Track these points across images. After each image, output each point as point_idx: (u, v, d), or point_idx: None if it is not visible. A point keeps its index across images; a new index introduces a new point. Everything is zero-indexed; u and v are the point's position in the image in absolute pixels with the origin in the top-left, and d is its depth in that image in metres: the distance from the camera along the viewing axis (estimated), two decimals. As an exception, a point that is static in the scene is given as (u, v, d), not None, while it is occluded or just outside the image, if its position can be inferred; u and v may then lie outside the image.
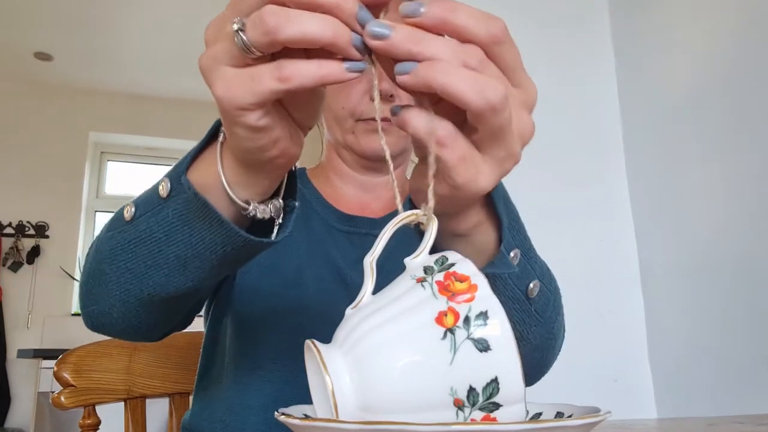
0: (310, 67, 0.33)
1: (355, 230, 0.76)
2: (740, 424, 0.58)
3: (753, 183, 1.04)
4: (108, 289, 0.47)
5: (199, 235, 0.42)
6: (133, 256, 0.45)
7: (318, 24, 0.32)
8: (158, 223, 0.43)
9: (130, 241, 0.45)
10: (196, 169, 0.43)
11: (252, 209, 0.42)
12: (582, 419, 0.31)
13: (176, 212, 0.42)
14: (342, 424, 0.30)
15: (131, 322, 0.50)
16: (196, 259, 0.44)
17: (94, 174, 3.87)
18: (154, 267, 0.45)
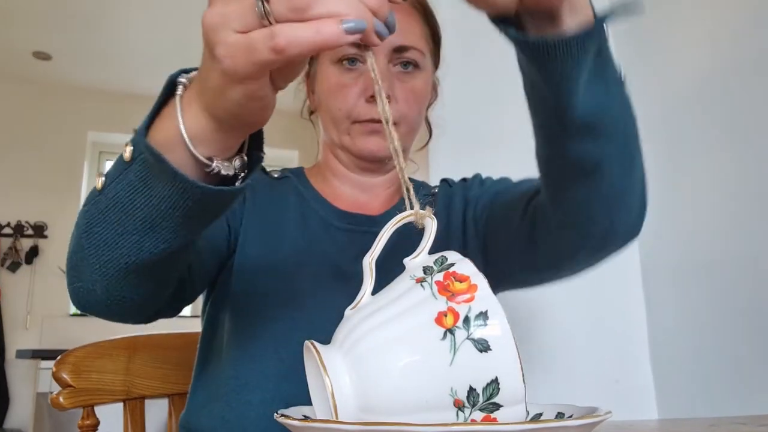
0: (307, 34, 0.32)
1: (353, 227, 0.76)
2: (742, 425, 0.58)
3: (755, 182, 1.04)
4: (89, 264, 0.47)
5: (160, 193, 0.42)
6: (106, 226, 0.45)
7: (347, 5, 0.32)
8: (123, 188, 0.43)
9: (101, 210, 0.45)
10: (159, 127, 0.42)
11: (215, 166, 0.41)
12: (583, 419, 0.31)
13: (137, 174, 0.42)
14: (341, 424, 0.30)
15: (115, 296, 0.49)
16: (162, 219, 0.43)
17: (92, 174, 3.86)
18: (125, 234, 0.44)
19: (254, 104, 0.37)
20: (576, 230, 0.58)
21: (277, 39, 0.32)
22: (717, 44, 1.14)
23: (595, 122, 0.48)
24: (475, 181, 0.84)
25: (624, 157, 0.52)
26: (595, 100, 0.47)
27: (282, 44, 0.32)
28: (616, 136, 0.50)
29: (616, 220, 0.56)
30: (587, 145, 0.50)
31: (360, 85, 0.73)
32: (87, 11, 2.90)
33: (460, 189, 0.83)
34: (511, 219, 0.68)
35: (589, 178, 0.52)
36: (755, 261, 1.03)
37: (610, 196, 0.53)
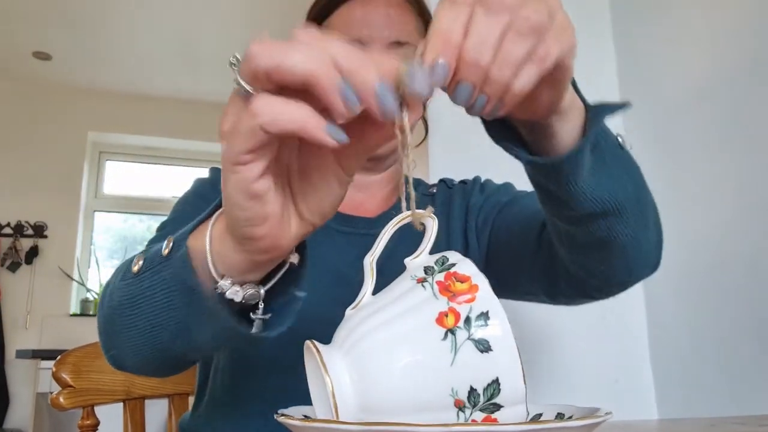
0: (285, 107, 0.30)
1: (352, 230, 0.76)
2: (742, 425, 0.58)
3: (755, 182, 1.04)
4: (121, 338, 0.46)
5: (196, 309, 0.40)
6: (138, 313, 0.43)
7: (305, 57, 0.30)
8: (159, 284, 0.41)
9: (136, 296, 0.43)
10: (198, 232, 0.41)
11: (220, 286, 0.39)
12: (583, 420, 0.31)
13: (173, 275, 0.40)
14: (342, 424, 0.30)
15: (148, 369, 0.49)
16: (196, 328, 0.42)
17: (92, 174, 3.86)
18: (159, 327, 0.43)
19: (252, 205, 0.34)
20: (596, 278, 0.58)
21: (253, 102, 0.31)
22: (717, 46, 1.14)
23: (602, 209, 0.49)
24: (475, 187, 0.83)
25: (635, 220, 0.52)
26: (599, 192, 0.48)
27: (257, 107, 0.30)
28: (626, 209, 0.51)
29: (635, 268, 0.57)
30: (598, 223, 0.51)
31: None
32: (87, 11, 2.90)
33: (460, 192, 0.82)
34: (522, 247, 0.67)
35: (603, 246, 0.53)
36: (755, 261, 1.03)
37: (626, 254, 0.54)
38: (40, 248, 3.47)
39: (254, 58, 0.30)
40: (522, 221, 0.70)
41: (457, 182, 0.86)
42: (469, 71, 0.33)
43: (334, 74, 0.30)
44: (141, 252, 0.46)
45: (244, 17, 2.96)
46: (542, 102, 0.41)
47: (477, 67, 0.33)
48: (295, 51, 0.30)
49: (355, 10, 0.73)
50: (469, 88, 0.34)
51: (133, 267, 0.43)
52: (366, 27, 0.71)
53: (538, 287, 0.67)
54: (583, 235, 0.52)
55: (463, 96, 0.34)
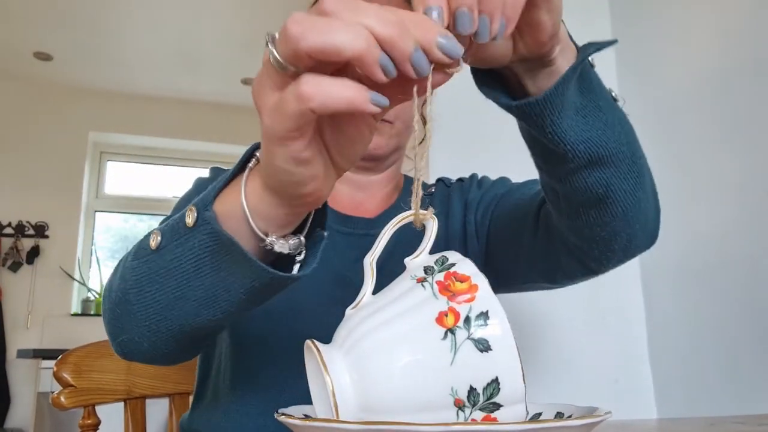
0: (333, 87, 0.31)
1: (352, 231, 0.76)
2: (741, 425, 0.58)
3: (754, 182, 1.04)
4: (137, 319, 0.46)
5: (228, 269, 0.41)
6: (160, 287, 0.43)
7: (349, 37, 0.30)
8: (185, 254, 0.42)
9: (157, 271, 0.43)
10: (224, 199, 0.41)
11: (269, 242, 0.41)
12: (582, 419, 0.31)
13: (203, 243, 0.41)
14: (342, 424, 0.30)
15: (161, 351, 0.49)
16: (225, 293, 0.42)
17: (93, 174, 3.86)
18: (183, 299, 0.43)
19: (301, 170, 0.36)
20: (597, 246, 0.57)
21: (302, 86, 0.31)
22: (717, 45, 1.14)
23: (596, 155, 0.49)
24: (473, 183, 0.83)
25: (632, 176, 0.52)
26: (591, 134, 0.48)
27: (307, 91, 0.31)
28: (621, 160, 0.50)
29: (634, 233, 0.56)
30: (593, 176, 0.50)
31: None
32: (88, 12, 2.90)
33: (458, 191, 0.82)
34: (521, 231, 0.67)
35: (601, 204, 0.52)
36: (754, 261, 1.03)
37: (626, 214, 0.53)
38: (41, 248, 3.47)
39: (296, 39, 0.31)
40: (519, 206, 0.70)
41: (455, 180, 0.86)
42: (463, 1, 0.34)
43: (376, 50, 0.31)
44: (152, 231, 0.45)
45: (244, 17, 2.96)
46: (544, 26, 0.41)
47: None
48: (337, 31, 0.30)
49: None
50: (466, 13, 0.34)
51: (150, 244, 0.44)
52: None
53: (538, 271, 0.67)
54: (579, 194, 0.51)
55: (464, 22, 0.34)
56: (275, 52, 0.32)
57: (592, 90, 0.48)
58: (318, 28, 0.30)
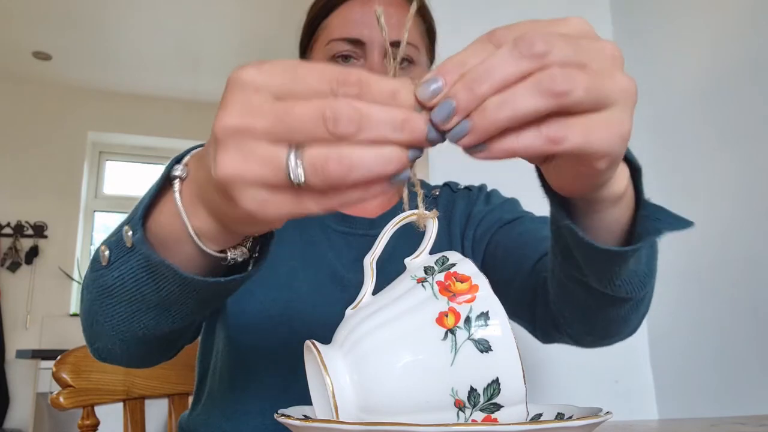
0: (357, 195, 0.30)
1: (351, 231, 0.75)
2: (742, 425, 0.58)
3: (754, 183, 1.04)
4: (104, 329, 0.46)
5: (168, 287, 0.40)
6: (116, 301, 0.43)
7: (379, 161, 0.28)
8: (127, 273, 0.41)
9: (109, 286, 0.43)
10: (160, 221, 0.39)
11: (231, 258, 0.39)
12: (583, 420, 0.31)
13: (140, 264, 0.40)
14: (342, 424, 0.30)
15: (134, 356, 0.49)
16: (175, 304, 0.42)
17: (92, 174, 3.86)
18: (138, 312, 0.43)
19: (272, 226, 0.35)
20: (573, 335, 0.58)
21: (333, 201, 0.30)
22: (717, 46, 1.14)
23: (624, 298, 0.48)
24: (480, 195, 0.81)
25: (638, 306, 0.51)
26: (629, 284, 0.46)
27: (334, 204, 0.30)
28: (641, 299, 0.50)
29: (613, 338, 0.57)
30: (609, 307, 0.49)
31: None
32: (87, 11, 2.90)
33: (465, 198, 0.81)
34: (514, 274, 0.66)
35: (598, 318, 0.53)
36: (755, 262, 1.03)
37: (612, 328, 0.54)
38: (40, 248, 3.47)
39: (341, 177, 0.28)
40: (521, 245, 0.69)
41: (462, 187, 0.84)
42: (459, 90, 0.29)
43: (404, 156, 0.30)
44: (107, 239, 0.44)
45: (243, 18, 2.96)
46: (568, 183, 0.37)
47: (470, 91, 0.29)
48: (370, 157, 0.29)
49: (354, 10, 0.73)
50: (450, 107, 0.29)
51: (101, 259, 0.43)
52: (365, 27, 0.71)
53: (518, 315, 0.67)
54: (584, 301, 0.51)
55: (441, 112, 0.29)
56: (301, 176, 0.29)
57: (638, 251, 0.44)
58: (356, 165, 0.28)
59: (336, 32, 0.72)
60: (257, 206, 0.30)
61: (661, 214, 0.43)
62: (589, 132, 0.30)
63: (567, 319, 0.57)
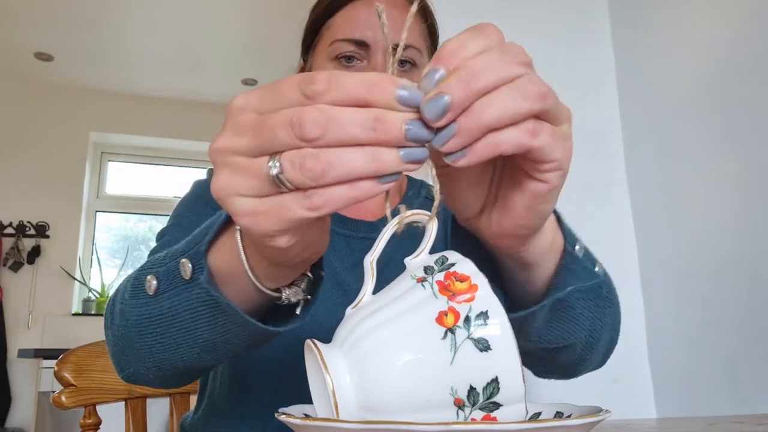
0: (341, 192, 0.30)
1: (353, 234, 0.75)
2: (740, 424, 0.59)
3: (754, 184, 1.04)
4: (141, 356, 0.46)
5: (224, 326, 0.41)
6: (162, 332, 0.43)
7: (361, 159, 0.29)
8: (182, 305, 0.41)
9: (156, 316, 0.43)
10: (218, 252, 0.40)
11: (285, 298, 0.41)
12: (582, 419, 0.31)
13: (200, 298, 0.40)
14: (342, 423, 0.30)
15: (168, 381, 0.49)
16: (225, 343, 0.43)
17: (94, 174, 3.87)
18: (185, 345, 0.43)
19: (291, 251, 0.35)
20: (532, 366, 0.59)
21: (315, 199, 0.30)
22: (716, 46, 1.14)
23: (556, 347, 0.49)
24: None
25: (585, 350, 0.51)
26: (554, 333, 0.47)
27: (318, 203, 0.30)
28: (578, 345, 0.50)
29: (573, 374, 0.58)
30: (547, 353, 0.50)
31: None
32: (89, 12, 2.90)
33: None
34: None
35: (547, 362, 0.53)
36: (754, 261, 1.03)
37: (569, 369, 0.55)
38: (42, 248, 3.48)
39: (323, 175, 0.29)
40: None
41: None
42: (455, 86, 0.29)
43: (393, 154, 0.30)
44: (148, 268, 0.44)
45: (244, 18, 2.96)
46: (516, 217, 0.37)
47: (466, 87, 0.29)
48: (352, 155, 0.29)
49: (358, 11, 0.73)
50: (444, 103, 0.29)
51: (147, 289, 0.43)
52: (369, 28, 0.71)
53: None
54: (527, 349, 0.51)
55: (434, 108, 0.29)
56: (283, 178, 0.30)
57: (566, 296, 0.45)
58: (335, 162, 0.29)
59: (340, 33, 0.72)
60: (250, 217, 0.31)
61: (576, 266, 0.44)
62: (554, 135, 0.32)
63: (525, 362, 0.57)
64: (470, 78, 0.30)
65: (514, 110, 0.30)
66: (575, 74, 1.43)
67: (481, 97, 0.30)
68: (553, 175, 0.35)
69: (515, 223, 0.38)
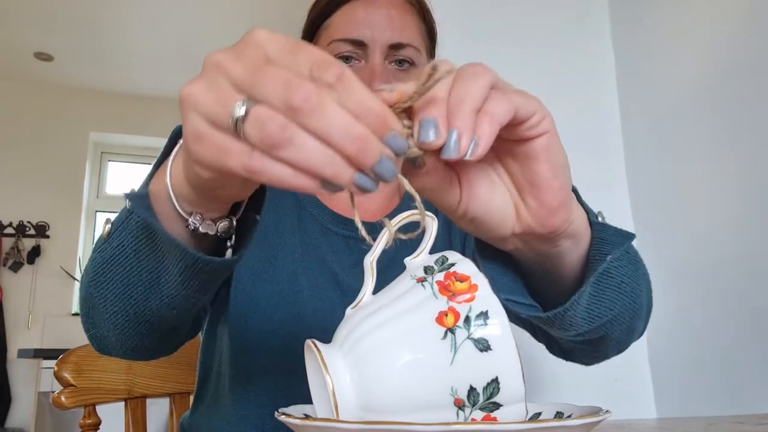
0: (283, 173, 0.29)
1: (352, 234, 0.75)
2: (740, 424, 0.59)
3: (754, 184, 1.04)
4: (99, 313, 0.46)
5: (161, 249, 0.41)
6: (111, 276, 0.44)
7: (321, 157, 0.29)
8: (127, 239, 0.42)
9: (108, 259, 0.44)
10: (157, 177, 0.41)
11: (191, 222, 0.40)
12: (582, 419, 0.31)
13: (138, 223, 0.42)
14: (342, 423, 0.30)
15: (129, 344, 0.49)
16: (165, 274, 0.43)
17: (94, 174, 3.87)
18: (131, 286, 0.44)
19: (212, 182, 0.35)
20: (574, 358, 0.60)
21: (255, 162, 0.29)
22: (716, 45, 1.14)
23: (598, 335, 0.48)
24: None
25: (623, 332, 0.51)
26: (594, 317, 0.46)
27: (256, 167, 0.29)
28: (615, 328, 0.50)
29: (612, 354, 0.58)
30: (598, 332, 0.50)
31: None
32: (89, 12, 2.90)
33: None
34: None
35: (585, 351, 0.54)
36: (753, 261, 1.03)
37: (607, 351, 0.55)
38: (42, 248, 3.48)
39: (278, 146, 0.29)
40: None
41: None
42: (429, 106, 0.33)
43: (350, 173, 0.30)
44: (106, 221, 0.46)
45: (244, 18, 2.96)
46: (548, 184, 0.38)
47: (437, 102, 0.33)
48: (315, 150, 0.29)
49: (357, 11, 0.73)
50: (431, 122, 0.32)
51: (103, 233, 0.44)
52: (368, 27, 0.71)
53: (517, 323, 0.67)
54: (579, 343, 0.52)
55: (428, 132, 0.32)
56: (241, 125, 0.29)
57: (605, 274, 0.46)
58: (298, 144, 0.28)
59: (338, 32, 0.72)
60: (194, 137, 0.31)
61: (605, 233, 0.44)
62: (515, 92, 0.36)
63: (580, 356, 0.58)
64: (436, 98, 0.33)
65: (478, 86, 0.34)
66: (575, 74, 1.43)
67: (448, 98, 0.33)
68: (545, 122, 0.37)
69: (552, 188, 0.38)
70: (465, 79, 0.34)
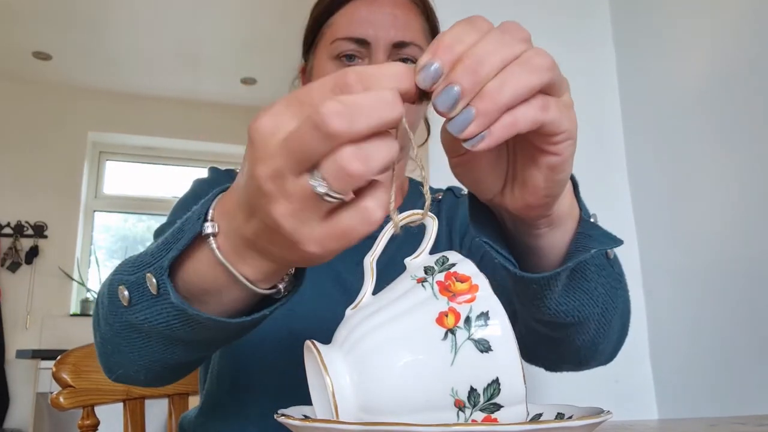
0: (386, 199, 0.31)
1: None
2: (741, 425, 0.58)
3: (754, 184, 1.04)
4: (129, 359, 0.45)
5: (202, 330, 0.40)
6: (144, 337, 0.43)
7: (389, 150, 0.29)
8: (155, 317, 0.40)
9: (135, 325, 0.42)
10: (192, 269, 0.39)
11: (284, 291, 0.41)
12: (583, 420, 0.31)
13: (170, 313, 0.39)
14: (342, 425, 0.30)
15: (160, 382, 0.49)
16: (210, 342, 0.43)
17: (92, 174, 3.86)
18: (170, 347, 0.43)
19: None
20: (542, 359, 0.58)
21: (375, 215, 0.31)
22: (718, 46, 1.14)
23: (567, 322, 0.48)
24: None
25: (598, 330, 0.51)
26: (569, 306, 0.47)
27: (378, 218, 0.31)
28: (591, 321, 0.49)
29: (584, 364, 0.57)
30: (559, 330, 0.50)
31: None
32: (87, 11, 2.90)
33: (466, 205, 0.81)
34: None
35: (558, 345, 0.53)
36: (754, 262, 1.03)
37: (580, 354, 0.54)
38: (40, 248, 3.47)
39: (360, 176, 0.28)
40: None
41: (465, 192, 0.84)
42: (463, 75, 0.30)
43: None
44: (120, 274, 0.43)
45: (244, 18, 2.96)
46: (536, 190, 0.38)
47: (473, 74, 0.30)
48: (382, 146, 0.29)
49: (360, 9, 0.72)
50: (455, 93, 0.30)
51: (121, 300, 0.42)
52: (371, 26, 0.71)
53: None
54: (541, 329, 0.51)
55: (446, 99, 0.30)
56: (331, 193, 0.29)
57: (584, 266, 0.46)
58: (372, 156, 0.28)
59: (341, 31, 0.72)
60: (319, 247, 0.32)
61: (594, 231, 0.44)
62: (560, 107, 0.33)
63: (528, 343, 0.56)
64: (476, 64, 0.30)
65: (527, 86, 0.31)
66: (576, 75, 1.43)
67: (491, 79, 0.30)
68: (565, 145, 0.35)
69: (538, 194, 0.39)
70: (523, 66, 0.31)
